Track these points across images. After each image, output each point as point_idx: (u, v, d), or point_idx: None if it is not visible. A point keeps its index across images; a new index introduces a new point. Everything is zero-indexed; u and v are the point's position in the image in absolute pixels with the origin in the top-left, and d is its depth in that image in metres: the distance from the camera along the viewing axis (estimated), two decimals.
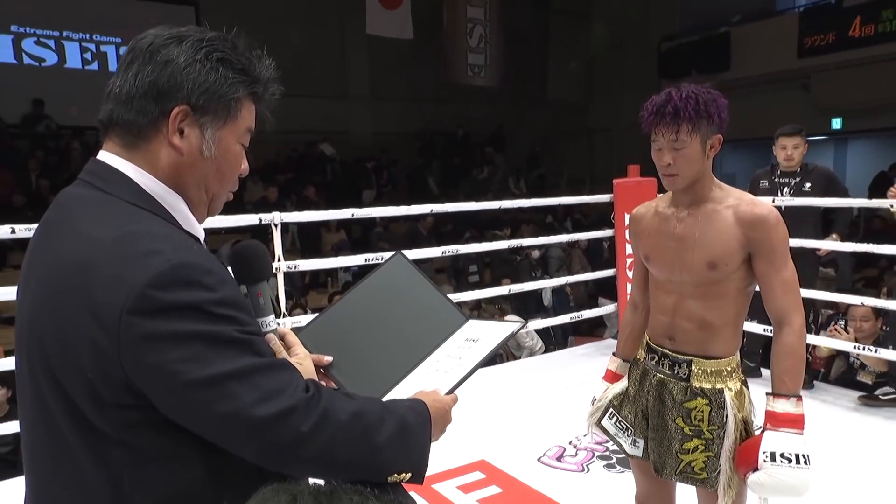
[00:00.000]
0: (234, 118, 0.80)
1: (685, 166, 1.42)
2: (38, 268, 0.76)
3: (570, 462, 2.72)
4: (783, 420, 1.37)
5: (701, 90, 1.41)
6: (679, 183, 1.45)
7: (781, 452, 1.34)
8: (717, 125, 1.42)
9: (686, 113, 1.38)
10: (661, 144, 1.44)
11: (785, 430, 1.36)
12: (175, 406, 0.70)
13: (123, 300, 0.67)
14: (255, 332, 0.75)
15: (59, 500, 0.75)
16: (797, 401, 1.38)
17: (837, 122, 10.08)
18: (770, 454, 1.34)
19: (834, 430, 2.99)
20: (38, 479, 0.78)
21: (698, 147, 1.41)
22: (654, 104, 1.44)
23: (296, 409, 0.71)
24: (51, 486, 0.76)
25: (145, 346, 0.67)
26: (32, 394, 0.75)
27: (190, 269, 0.70)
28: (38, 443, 0.76)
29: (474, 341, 1.05)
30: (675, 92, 1.42)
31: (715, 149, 1.45)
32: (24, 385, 0.76)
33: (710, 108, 1.40)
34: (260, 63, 0.82)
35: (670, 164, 1.43)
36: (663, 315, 1.55)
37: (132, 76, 0.76)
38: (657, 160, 1.46)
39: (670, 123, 1.40)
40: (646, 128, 1.46)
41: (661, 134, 1.42)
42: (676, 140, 1.40)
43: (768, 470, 1.34)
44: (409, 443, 0.80)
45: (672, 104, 1.39)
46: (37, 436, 0.76)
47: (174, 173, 0.78)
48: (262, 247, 0.95)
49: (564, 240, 5.33)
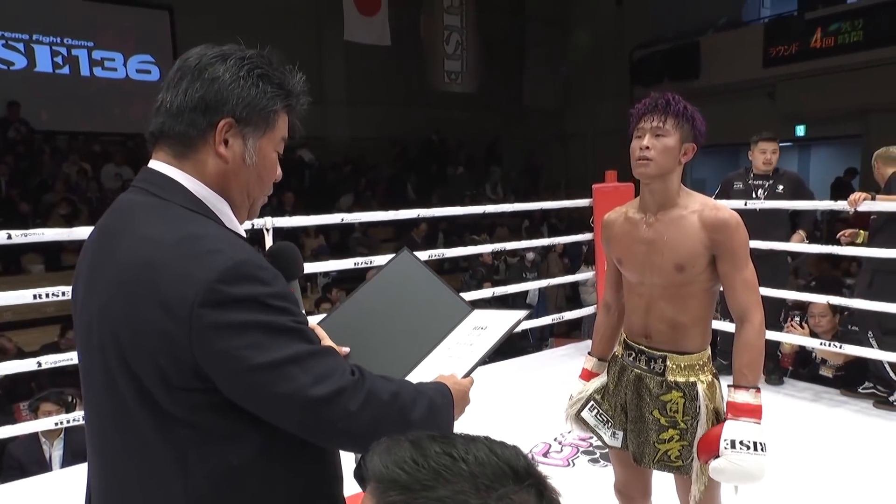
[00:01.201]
0: (271, 128, 0.89)
1: (661, 154, 1.52)
2: (106, 269, 0.84)
3: (555, 457, 2.83)
4: (743, 410, 1.48)
5: (687, 101, 1.56)
6: (651, 169, 1.54)
7: (741, 440, 1.44)
8: (694, 134, 1.55)
9: (675, 108, 1.52)
10: (643, 132, 1.55)
11: (744, 419, 1.47)
12: (239, 388, 0.78)
13: (194, 294, 0.75)
14: (305, 322, 0.85)
15: (129, 476, 0.84)
16: (756, 392, 1.50)
17: (801, 129, 10.45)
18: (730, 441, 1.45)
19: (802, 423, 3.16)
20: (108, 459, 0.86)
21: (677, 142, 1.53)
22: (647, 100, 1.58)
23: (345, 390, 0.81)
24: (121, 465, 0.84)
25: (214, 335, 0.76)
26: (104, 382, 0.83)
27: (249, 266, 0.79)
28: (108, 427, 0.85)
29: (482, 329, 1.14)
30: (668, 94, 1.57)
31: (687, 155, 1.56)
32: (94, 375, 0.85)
33: (695, 116, 1.55)
34: (293, 77, 0.91)
35: (647, 148, 1.52)
36: (637, 316, 1.66)
37: (182, 92, 0.85)
38: (635, 148, 1.56)
39: (660, 112, 1.53)
40: (635, 119, 1.58)
41: (646, 120, 1.54)
42: (661, 127, 1.52)
43: (728, 456, 1.44)
44: (437, 421, 0.90)
45: (664, 98, 1.54)
46: (107, 421, 0.84)
47: (220, 179, 0.87)
48: (295, 248, 1.04)
49: (547, 243, 5.45)
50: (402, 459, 0.57)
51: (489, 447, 0.59)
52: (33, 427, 2.88)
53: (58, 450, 3.34)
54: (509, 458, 0.58)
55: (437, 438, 0.60)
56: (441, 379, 1.00)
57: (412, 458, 0.57)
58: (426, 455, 0.57)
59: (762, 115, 9.73)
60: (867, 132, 9.50)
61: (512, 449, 0.60)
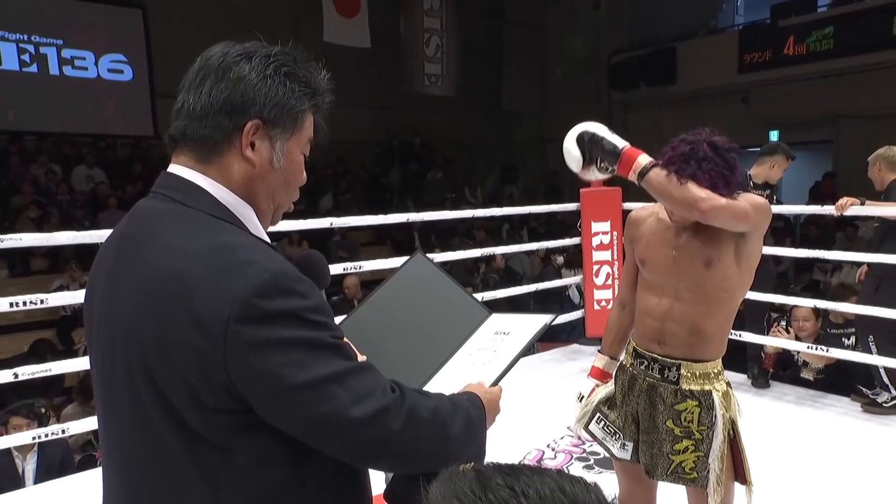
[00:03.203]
0: (299, 129, 0.84)
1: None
2: (130, 279, 0.77)
3: (549, 465, 2.79)
4: None
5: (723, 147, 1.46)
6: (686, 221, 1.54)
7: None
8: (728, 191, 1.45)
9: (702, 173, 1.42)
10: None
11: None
12: (277, 409, 0.73)
13: (229, 309, 0.70)
14: (342, 336, 0.79)
15: (157, 501, 0.77)
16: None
17: (775, 134, 10.63)
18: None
19: (790, 426, 3.19)
20: (133, 481, 0.80)
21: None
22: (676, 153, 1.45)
23: (388, 409, 0.76)
24: (147, 488, 0.78)
25: (252, 353, 0.70)
26: (130, 401, 0.76)
27: (286, 278, 0.74)
28: (134, 447, 0.78)
29: (505, 334, 1.10)
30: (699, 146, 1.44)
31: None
32: (117, 392, 0.78)
33: (728, 176, 1.44)
34: (318, 74, 0.86)
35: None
36: (652, 319, 1.62)
37: (206, 93, 0.79)
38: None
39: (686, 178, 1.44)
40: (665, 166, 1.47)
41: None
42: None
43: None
44: (474, 434, 0.86)
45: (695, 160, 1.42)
46: (133, 440, 0.78)
47: (246, 185, 0.82)
48: (321, 256, 0.98)
49: (535, 248, 5.45)
50: (462, 490, 0.55)
51: (558, 483, 0.56)
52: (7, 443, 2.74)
53: (31, 464, 3.19)
54: (577, 496, 0.55)
55: (503, 470, 0.57)
56: (470, 388, 0.97)
57: (471, 490, 0.55)
58: (486, 487, 0.55)
59: (737, 121, 9.88)
60: (838, 138, 9.73)
61: (583, 485, 0.57)
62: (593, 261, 4.29)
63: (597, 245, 4.24)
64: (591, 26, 12.17)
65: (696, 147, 1.44)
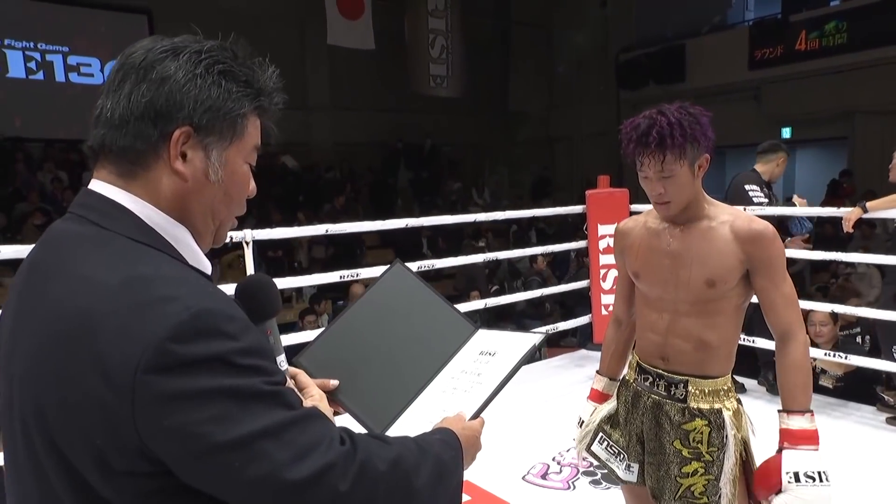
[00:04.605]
0: (240, 136, 0.73)
1: (676, 193, 1.40)
2: (31, 318, 0.67)
3: (555, 479, 2.68)
4: (800, 437, 1.36)
5: (683, 113, 1.38)
6: (673, 209, 1.44)
7: (805, 472, 1.32)
8: (703, 146, 1.40)
9: (671, 140, 1.35)
10: (647, 174, 1.41)
11: (803, 447, 1.35)
12: (199, 472, 0.62)
13: (138, 356, 0.59)
14: (282, 382, 0.69)
15: None
16: (811, 416, 1.38)
17: (787, 131, 10.46)
18: (794, 474, 1.32)
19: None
20: None
21: (687, 172, 1.39)
22: (635, 129, 1.39)
23: (334, 466, 0.65)
24: None
25: (165, 407, 0.59)
26: (27, 461, 0.66)
27: (212, 317, 0.63)
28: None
29: (491, 355, 1.00)
30: (658, 116, 1.37)
31: (703, 168, 1.43)
32: (17, 452, 0.68)
33: (695, 132, 1.37)
34: (263, 72, 0.75)
35: (662, 193, 1.40)
36: (655, 334, 1.52)
37: (125, 97, 0.69)
38: (647, 189, 1.44)
39: (655, 152, 1.36)
40: (629, 155, 1.42)
41: (647, 164, 1.39)
42: (663, 169, 1.37)
43: (794, 492, 1.31)
44: (445, 481, 0.77)
45: (656, 131, 1.35)
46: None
47: (178, 202, 0.71)
48: (268, 280, 0.88)
49: (539, 252, 5.34)
50: None
51: None
52: None
53: None
54: None
55: None
56: (446, 423, 0.87)
57: None
58: None
59: (748, 118, 9.72)
60: (852, 134, 9.53)
61: None
62: (600, 264, 4.17)
63: (603, 248, 4.12)
64: (599, 24, 12.04)
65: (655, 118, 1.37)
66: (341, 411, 1.01)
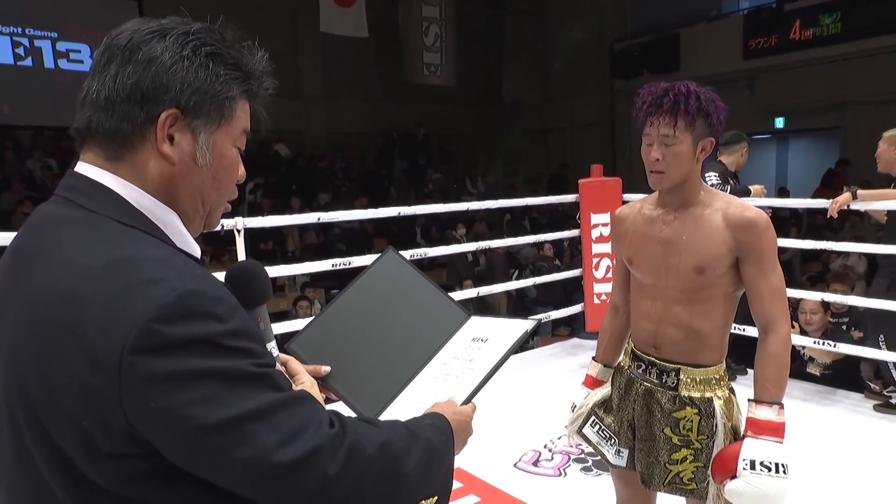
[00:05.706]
0: (228, 119, 0.72)
1: (673, 164, 1.39)
2: (17, 301, 0.66)
3: (546, 467, 2.70)
4: (764, 427, 1.36)
5: (702, 89, 1.38)
6: (665, 182, 1.42)
7: (761, 461, 1.32)
8: (712, 127, 1.39)
9: (685, 106, 1.34)
10: (652, 139, 1.40)
11: (765, 437, 1.35)
12: (187, 454, 0.62)
13: (124, 337, 0.58)
14: (271, 364, 0.68)
15: None
16: (779, 409, 1.38)
17: (780, 121, 10.49)
18: (750, 462, 1.33)
19: (799, 423, 3.08)
20: None
21: (690, 146, 1.38)
22: (651, 94, 1.39)
23: (322, 449, 0.65)
24: None
25: (151, 389, 0.59)
26: (12, 447, 0.65)
27: (198, 298, 0.62)
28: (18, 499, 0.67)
29: (483, 341, 1.01)
30: (678, 84, 1.37)
31: (706, 151, 1.42)
32: (1, 436, 0.67)
33: (709, 108, 1.37)
34: (252, 55, 0.75)
35: (658, 160, 1.39)
36: (648, 322, 1.52)
37: (111, 78, 0.68)
38: (645, 155, 1.43)
39: (666, 115, 1.36)
40: (640, 118, 1.41)
41: (655, 126, 1.38)
42: (670, 135, 1.37)
43: (747, 478, 1.32)
44: (436, 466, 0.77)
45: (672, 94, 1.35)
46: (18, 496, 0.67)
47: (166, 185, 0.70)
48: (259, 267, 0.87)
49: (533, 240, 5.35)
50: None
51: None
52: None
53: None
54: None
55: None
56: (437, 408, 0.87)
57: None
58: None
59: (743, 108, 9.72)
60: (845, 124, 9.56)
61: None
62: (592, 253, 4.18)
63: (596, 237, 4.12)
64: (593, 14, 11.99)
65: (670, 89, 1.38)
66: (333, 398, 1.01)
